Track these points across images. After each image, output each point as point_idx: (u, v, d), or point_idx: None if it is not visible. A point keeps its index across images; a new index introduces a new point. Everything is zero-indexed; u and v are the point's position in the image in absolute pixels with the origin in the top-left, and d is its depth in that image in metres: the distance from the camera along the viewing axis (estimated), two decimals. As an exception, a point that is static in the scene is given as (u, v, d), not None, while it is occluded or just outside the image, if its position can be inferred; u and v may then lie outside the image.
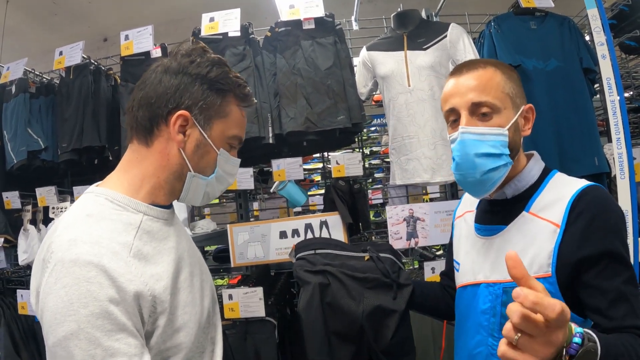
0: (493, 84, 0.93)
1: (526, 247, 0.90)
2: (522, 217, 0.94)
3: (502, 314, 0.80)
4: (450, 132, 0.97)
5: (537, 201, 0.93)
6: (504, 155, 0.91)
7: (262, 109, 1.95)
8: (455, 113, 0.95)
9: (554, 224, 0.88)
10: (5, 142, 2.18)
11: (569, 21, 2.06)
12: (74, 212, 0.80)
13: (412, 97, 1.97)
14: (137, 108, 0.85)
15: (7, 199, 2.20)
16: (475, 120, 0.93)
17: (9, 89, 2.25)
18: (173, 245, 0.87)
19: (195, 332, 0.85)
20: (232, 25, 2.01)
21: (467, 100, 0.92)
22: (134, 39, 2.13)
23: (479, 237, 1.03)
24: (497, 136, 0.91)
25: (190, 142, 0.85)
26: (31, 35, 4.55)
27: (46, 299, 0.70)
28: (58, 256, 0.71)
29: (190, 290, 0.86)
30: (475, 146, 0.91)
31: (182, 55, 0.86)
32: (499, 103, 0.92)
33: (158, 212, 0.87)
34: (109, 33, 4.74)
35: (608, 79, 1.87)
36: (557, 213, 0.88)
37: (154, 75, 0.86)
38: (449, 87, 0.98)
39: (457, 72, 0.98)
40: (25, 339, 2.27)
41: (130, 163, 0.87)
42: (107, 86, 2.26)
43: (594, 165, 1.93)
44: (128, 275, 0.73)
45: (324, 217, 1.91)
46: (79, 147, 2.09)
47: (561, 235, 0.86)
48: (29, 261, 2.21)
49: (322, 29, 2.04)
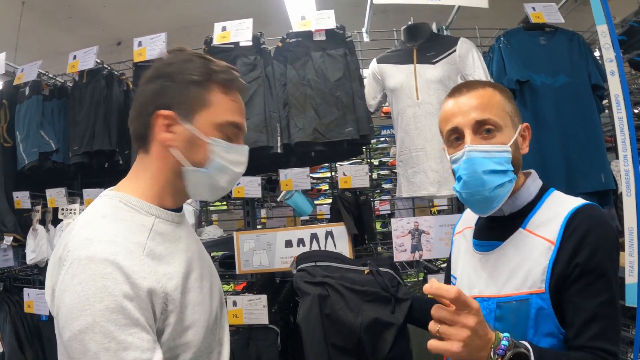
0: (494, 102, 0.96)
1: (521, 263, 0.92)
2: (518, 234, 0.95)
3: (494, 328, 0.80)
4: (451, 151, 0.98)
5: (533, 218, 0.95)
6: (509, 171, 0.93)
7: (272, 118, 1.97)
8: (457, 132, 0.96)
9: (549, 241, 0.89)
10: (18, 143, 2.22)
11: (578, 37, 2.07)
12: (90, 213, 0.84)
13: (421, 110, 1.99)
14: (131, 122, 0.90)
15: (17, 198, 2.23)
16: (478, 139, 0.94)
17: (22, 90, 2.28)
18: (184, 247, 0.90)
19: (204, 331, 0.88)
20: (244, 35, 2.04)
21: (471, 119, 0.94)
22: (147, 46, 2.16)
23: (476, 252, 1.04)
24: (502, 153, 0.93)
25: (179, 138, 0.86)
26: (45, 37, 4.62)
27: (62, 295, 0.73)
28: (74, 254, 0.74)
29: (200, 291, 0.89)
30: (483, 163, 0.92)
31: (158, 62, 0.91)
32: (501, 121, 0.94)
33: (169, 215, 0.90)
34: (122, 37, 4.81)
35: (616, 96, 1.87)
36: (553, 230, 0.90)
37: (139, 90, 0.90)
38: (449, 107, 0.99)
39: (457, 93, 0.99)
40: (30, 337, 2.30)
41: (139, 170, 0.91)
42: (119, 91, 2.29)
43: (601, 182, 1.93)
44: (142, 273, 0.76)
45: (329, 228, 1.92)
46: (89, 151, 2.12)
47: (555, 252, 0.88)
48: (36, 260, 2.23)
49: (332, 40, 2.06)
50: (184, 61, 0.88)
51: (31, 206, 2.25)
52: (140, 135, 0.89)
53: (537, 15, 2.00)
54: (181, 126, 0.86)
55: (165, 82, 0.86)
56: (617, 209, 2.01)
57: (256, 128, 1.94)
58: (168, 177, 0.89)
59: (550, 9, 2.01)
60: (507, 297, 0.91)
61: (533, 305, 0.88)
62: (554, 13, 2.00)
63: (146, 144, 0.89)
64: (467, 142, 0.93)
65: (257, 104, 1.98)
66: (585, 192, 1.91)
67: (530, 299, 0.89)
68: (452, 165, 0.98)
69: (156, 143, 0.88)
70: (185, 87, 0.86)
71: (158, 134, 0.86)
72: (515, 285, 0.91)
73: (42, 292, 2.21)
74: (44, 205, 2.27)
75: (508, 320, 0.91)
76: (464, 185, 0.95)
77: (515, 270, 0.92)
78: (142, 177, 0.90)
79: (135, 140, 0.91)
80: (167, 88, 0.86)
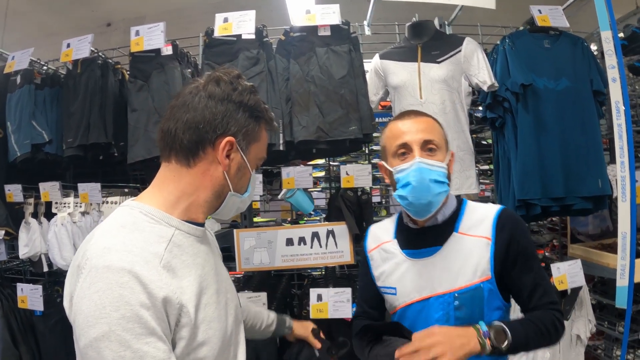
0: (437, 129, 1.18)
1: (466, 259, 1.13)
2: (453, 237, 1.16)
3: (455, 316, 1.10)
4: (397, 163, 1.15)
5: (462, 223, 1.16)
6: (445, 183, 1.13)
7: (274, 115, 1.94)
8: (406, 147, 1.14)
9: (486, 238, 1.13)
10: (9, 134, 2.14)
11: (582, 42, 2.07)
12: (109, 222, 0.85)
13: (424, 109, 1.96)
14: (183, 131, 0.88)
15: (9, 191, 2.17)
16: (424, 154, 1.13)
17: (13, 79, 2.19)
18: (201, 262, 0.90)
19: (219, 347, 0.88)
20: (246, 28, 1.98)
21: (420, 138, 1.13)
22: (144, 35, 2.09)
23: (414, 259, 1.19)
24: (441, 168, 1.13)
25: (233, 165, 0.91)
26: (34, 18, 4.41)
27: (80, 303, 0.74)
28: (92, 263, 0.75)
29: (216, 307, 0.89)
30: (429, 173, 1.11)
31: (225, 83, 0.91)
32: (441, 143, 1.15)
33: (190, 228, 0.90)
34: (112, 18, 4.63)
35: (617, 103, 1.90)
36: (486, 229, 1.13)
37: (197, 99, 0.89)
38: (399, 127, 1.17)
39: (406, 117, 1.19)
40: (24, 332, 2.26)
41: (166, 180, 0.91)
42: (114, 81, 2.22)
43: (598, 187, 1.96)
44: (158, 283, 0.76)
45: (331, 227, 1.93)
46: (85, 144, 2.06)
47: (493, 245, 1.12)
48: (30, 255, 2.19)
49: (337, 36, 2.03)
50: (248, 92, 0.92)
51: (23, 199, 2.19)
52: (189, 148, 0.88)
53: (542, 18, 2.00)
54: (238, 154, 0.91)
55: (233, 108, 0.89)
56: (611, 213, 2.06)
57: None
58: (207, 195, 0.92)
59: (556, 13, 2.01)
60: (464, 289, 1.12)
61: (485, 290, 1.11)
62: (560, 17, 2.00)
63: (192, 158, 0.89)
64: (416, 155, 1.12)
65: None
66: (582, 197, 1.95)
67: (482, 285, 1.11)
68: (396, 174, 1.14)
69: (207, 161, 0.89)
70: (247, 118, 0.91)
71: (219, 156, 0.89)
72: (467, 278, 1.12)
73: (35, 287, 2.18)
74: (37, 198, 2.21)
75: (467, 305, 1.12)
76: (412, 189, 1.10)
77: (462, 266, 1.12)
78: (171, 187, 0.90)
79: (177, 150, 0.89)
80: (234, 115, 0.89)
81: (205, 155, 0.89)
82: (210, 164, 0.89)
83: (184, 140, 0.88)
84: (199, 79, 0.94)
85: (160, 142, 0.91)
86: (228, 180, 0.91)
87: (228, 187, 0.92)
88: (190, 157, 0.89)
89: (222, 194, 0.93)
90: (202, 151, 0.88)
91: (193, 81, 0.95)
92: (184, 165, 0.89)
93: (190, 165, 0.89)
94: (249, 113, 0.91)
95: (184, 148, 0.88)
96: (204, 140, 0.88)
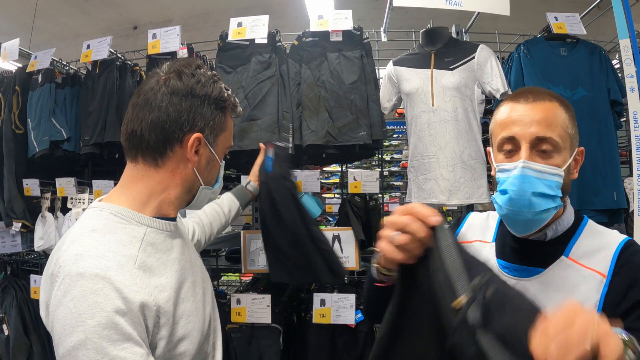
0: (559, 121, 0.89)
1: (569, 294, 0.88)
2: (561, 262, 0.91)
3: None
4: (500, 159, 0.92)
5: (576, 247, 0.91)
6: (557, 197, 0.88)
7: (284, 118, 1.96)
8: (513, 142, 0.90)
9: (600, 274, 0.87)
10: (29, 130, 2.22)
11: (600, 50, 2.02)
12: (80, 227, 0.83)
13: (435, 117, 1.96)
14: (149, 132, 0.85)
15: (27, 185, 2.24)
16: (534, 155, 0.87)
17: (35, 77, 2.27)
18: (176, 256, 0.90)
19: (199, 339, 0.89)
20: (259, 32, 2.01)
21: (532, 133, 0.87)
22: (161, 38, 2.14)
23: (509, 276, 0.96)
24: (554, 176, 0.87)
25: (202, 160, 0.91)
26: (61, 19, 4.56)
27: (56, 312, 0.73)
28: (66, 270, 0.74)
29: (193, 300, 0.90)
30: (534, 184, 0.86)
31: (187, 76, 0.88)
32: (561, 142, 0.88)
33: (162, 224, 0.90)
34: (139, 21, 4.75)
35: (635, 113, 1.84)
36: (603, 263, 0.87)
37: (160, 97, 0.86)
38: (508, 113, 0.91)
39: (522, 98, 0.91)
40: (35, 322, 2.33)
41: (135, 180, 0.89)
42: (132, 82, 2.27)
43: (613, 200, 1.91)
44: (134, 287, 0.76)
45: (337, 232, 1.92)
46: (100, 142, 2.12)
47: (607, 285, 0.85)
48: (44, 247, 2.25)
49: (349, 41, 2.03)
50: (211, 81, 0.90)
51: (40, 194, 2.26)
52: (157, 148, 0.86)
53: (559, 26, 1.96)
54: (207, 149, 0.90)
55: (198, 103, 0.87)
56: (627, 227, 1.99)
57: (268, 128, 1.93)
58: (178, 192, 0.91)
59: (573, 20, 1.97)
60: None
61: None
62: (577, 24, 1.96)
63: (161, 158, 0.87)
64: (522, 156, 0.87)
65: (271, 103, 1.96)
66: (597, 210, 1.89)
67: None
68: (497, 173, 0.92)
69: (175, 159, 0.88)
70: (213, 111, 0.90)
71: (187, 153, 0.88)
72: None
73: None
74: (53, 193, 2.28)
75: None
76: (509, 201, 0.89)
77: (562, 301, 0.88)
78: (140, 186, 0.88)
79: (143, 150, 0.86)
80: (200, 110, 0.88)
81: (174, 153, 0.87)
82: (179, 161, 0.88)
83: (150, 141, 0.86)
84: (158, 71, 0.90)
85: (126, 142, 0.89)
86: (198, 175, 0.91)
87: (199, 182, 0.92)
88: (158, 157, 0.87)
89: (193, 189, 0.93)
90: (169, 150, 0.87)
91: (152, 74, 0.91)
92: (152, 165, 0.88)
93: (158, 165, 0.88)
94: (214, 105, 0.89)
95: (150, 149, 0.86)
96: (171, 139, 0.86)
